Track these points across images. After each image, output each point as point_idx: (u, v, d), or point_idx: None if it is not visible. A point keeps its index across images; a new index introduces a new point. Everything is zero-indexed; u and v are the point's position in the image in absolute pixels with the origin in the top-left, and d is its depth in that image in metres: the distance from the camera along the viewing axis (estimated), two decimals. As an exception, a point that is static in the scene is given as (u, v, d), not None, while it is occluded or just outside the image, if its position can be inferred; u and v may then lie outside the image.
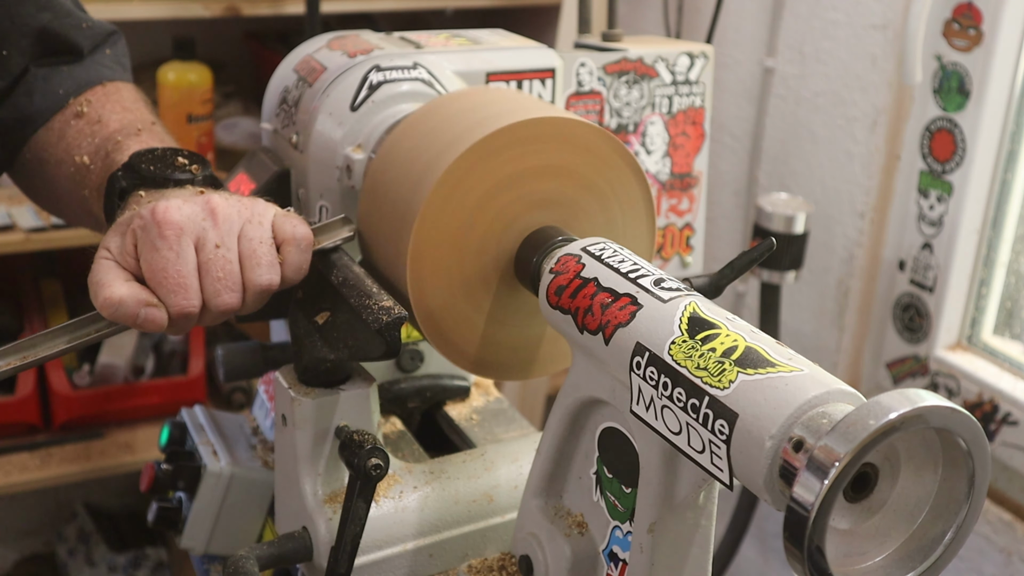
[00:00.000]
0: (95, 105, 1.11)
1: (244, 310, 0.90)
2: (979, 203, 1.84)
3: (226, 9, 2.04)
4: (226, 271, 0.87)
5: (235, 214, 0.89)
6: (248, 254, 0.88)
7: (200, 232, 0.86)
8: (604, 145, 0.94)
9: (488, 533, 1.01)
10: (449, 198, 0.89)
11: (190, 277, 0.85)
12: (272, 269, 0.89)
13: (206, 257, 0.86)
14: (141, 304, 0.84)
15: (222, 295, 0.87)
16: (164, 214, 0.85)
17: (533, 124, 0.90)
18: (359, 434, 0.92)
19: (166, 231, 0.85)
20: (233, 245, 0.87)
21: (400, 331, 0.87)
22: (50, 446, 2.14)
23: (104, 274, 0.86)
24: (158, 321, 0.85)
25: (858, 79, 1.93)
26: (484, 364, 0.97)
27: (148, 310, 0.84)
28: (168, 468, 1.12)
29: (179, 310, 0.85)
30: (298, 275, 0.91)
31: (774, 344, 0.72)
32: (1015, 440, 1.79)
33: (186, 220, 0.86)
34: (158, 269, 0.85)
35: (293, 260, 0.90)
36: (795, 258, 1.88)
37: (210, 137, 2.15)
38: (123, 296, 0.84)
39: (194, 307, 0.85)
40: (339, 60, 1.07)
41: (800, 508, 0.62)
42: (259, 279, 0.88)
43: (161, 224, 0.85)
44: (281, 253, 0.90)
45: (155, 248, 0.85)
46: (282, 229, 0.91)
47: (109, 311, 0.84)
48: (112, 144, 1.02)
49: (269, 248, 0.89)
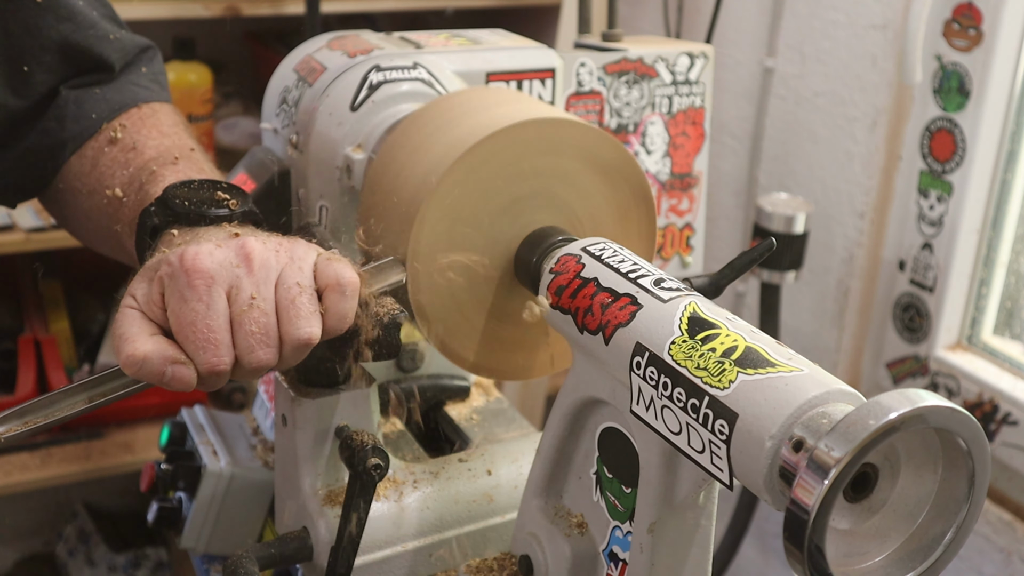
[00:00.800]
0: (130, 130, 1.04)
1: (281, 365, 0.81)
2: (979, 203, 1.84)
3: (226, 9, 2.04)
4: (261, 324, 0.78)
5: (272, 259, 0.80)
6: (286, 305, 0.79)
7: (233, 280, 0.78)
8: (604, 145, 0.94)
9: (488, 533, 1.01)
10: (449, 198, 0.89)
11: (221, 332, 0.77)
12: (312, 321, 0.80)
13: (239, 309, 0.78)
14: (168, 362, 0.77)
15: (256, 351, 0.78)
16: (194, 261, 0.78)
17: (533, 125, 0.90)
18: (359, 434, 0.92)
19: (195, 280, 0.77)
20: (269, 295, 0.79)
21: (400, 331, 0.86)
22: (50, 446, 2.14)
23: (128, 327, 0.78)
24: (186, 379, 0.77)
25: (858, 79, 1.93)
26: (484, 364, 0.97)
27: (175, 368, 0.77)
28: (168, 468, 1.12)
29: (209, 368, 0.77)
30: (342, 324, 0.82)
31: (774, 344, 0.72)
32: (1015, 440, 1.79)
33: (218, 268, 0.78)
34: (186, 323, 0.77)
35: (337, 309, 0.81)
36: (795, 258, 1.88)
37: (210, 137, 2.15)
38: (148, 353, 0.77)
39: (225, 364, 0.78)
40: (339, 60, 1.07)
41: (800, 508, 0.62)
42: (298, 332, 0.79)
43: (190, 272, 0.77)
44: (323, 301, 0.81)
45: (183, 299, 0.77)
46: (325, 274, 0.82)
47: (133, 368, 0.77)
48: (147, 174, 0.96)
49: (310, 298, 0.80)
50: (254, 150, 1.16)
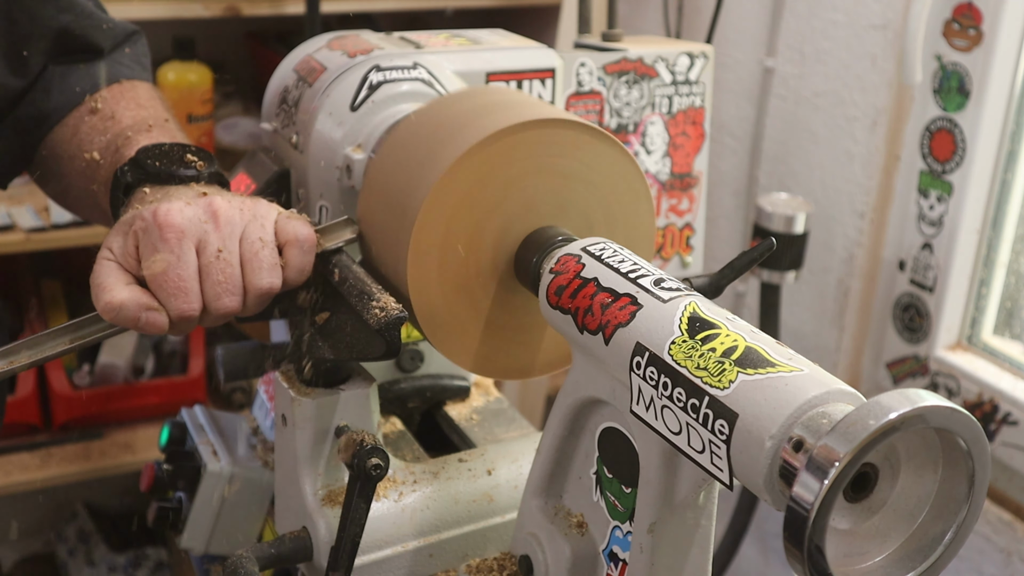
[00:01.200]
0: (109, 101, 1.11)
1: (245, 312, 0.90)
2: (979, 203, 1.84)
3: (226, 9, 2.04)
4: (227, 275, 0.87)
5: (237, 216, 0.89)
6: (249, 257, 0.88)
7: (201, 235, 0.86)
8: (604, 145, 0.94)
9: (488, 533, 1.01)
10: (449, 198, 0.89)
11: (191, 281, 0.86)
12: (273, 272, 0.89)
13: (207, 260, 0.86)
14: (142, 308, 0.85)
15: (222, 298, 0.87)
16: (166, 217, 0.86)
17: (533, 125, 0.90)
18: (359, 434, 0.92)
19: (167, 234, 0.85)
20: (235, 248, 0.87)
21: (400, 331, 0.87)
22: (50, 446, 2.14)
23: (105, 276, 0.86)
24: (159, 324, 0.86)
25: (858, 79, 1.93)
26: (484, 364, 0.97)
27: (149, 314, 0.85)
28: (168, 468, 1.12)
29: (179, 313, 0.86)
30: (300, 277, 0.91)
31: (774, 344, 0.72)
32: (1015, 440, 1.79)
33: (187, 223, 0.86)
34: (159, 272, 0.85)
35: (296, 262, 0.90)
36: (795, 258, 1.88)
37: (210, 137, 2.16)
38: (124, 300, 0.85)
39: (194, 310, 0.86)
40: (339, 60, 1.07)
41: (800, 508, 0.62)
42: (260, 282, 0.88)
43: (163, 227, 0.85)
44: (283, 255, 0.90)
45: (156, 251, 0.85)
46: (284, 231, 0.90)
47: (110, 315, 0.85)
48: (122, 140, 1.03)
49: (271, 251, 0.89)
50: (254, 150, 1.16)
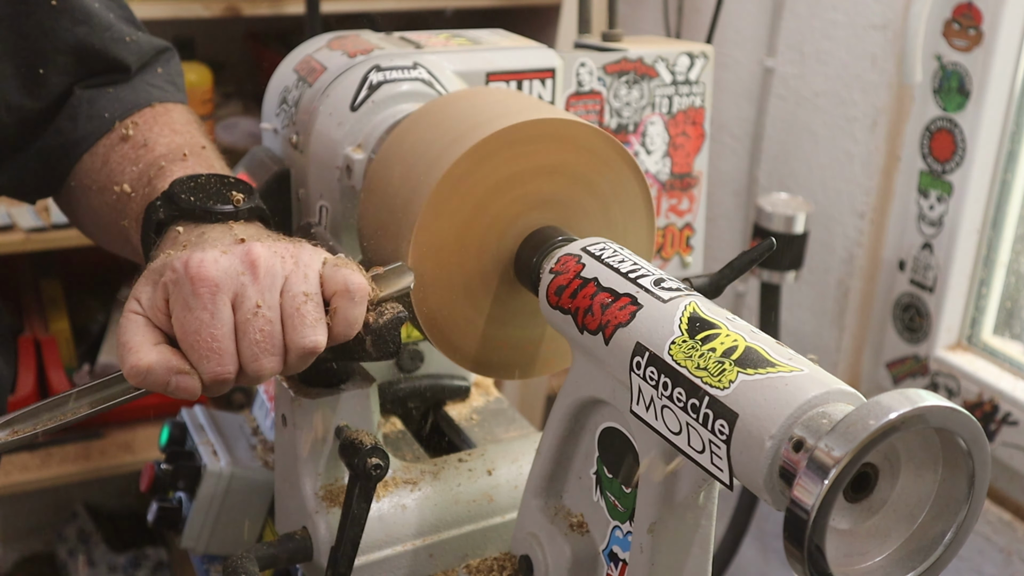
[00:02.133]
0: (141, 128, 1.04)
1: (286, 372, 0.82)
2: (979, 203, 1.84)
3: (226, 9, 2.04)
4: (266, 333, 0.78)
5: (278, 265, 0.80)
6: (291, 312, 0.79)
7: (238, 288, 0.78)
8: (604, 145, 0.94)
9: (488, 533, 1.01)
10: (450, 198, 0.89)
11: (225, 340, 0.77)
12: (317, 328, 0.79)
13: (244, 317, 0.78)
14: (172, 372, 0.77)
15: (260, 359, 0.78)
16: (199, 269, 0.77)
17: (533, 125, 0.90)
18: (359, 434, 0.92)
19: (200, 288, 0.77)
20: (275, 303, 0.79)
21: (400, 331, 0.86)
22: (50, 446, 2.14)
23: (132, 335, 0.78)
24: (190, 389, 0.78)
25: (858, 79, 1.93)
26: (484, 364, 0.97)
27: (179, 378, 0.77)
28: (168, 468, 1.12)
29: (212, 376, 0.77)
30: (350, 331, 0.81)
31: (774, 344, 0.72)
32: (1015, 440, 1.79)
33: (223, 276, 0.78)
34: (191, 332, 0.77)
35: (345, 315, 0.81)
36: (795, 258, 1.88)
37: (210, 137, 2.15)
38: (152, 363, 0.77)
39: (229, 374, 0.78)
40: (339, 60, 1.07)
41: (800, 508, 0.62)
42: (303, 340, 0.79)
43: (195, 280, 0.77)
44: (331, 307, 0.81)
45: (188, 308, 0.77)
46: (333, 280, 0.81)
47: (137, 379, 0.77)
48: (155, 170, 0.96)
49: (316, 305, 0.80)
50: (254, 150, 1.16)
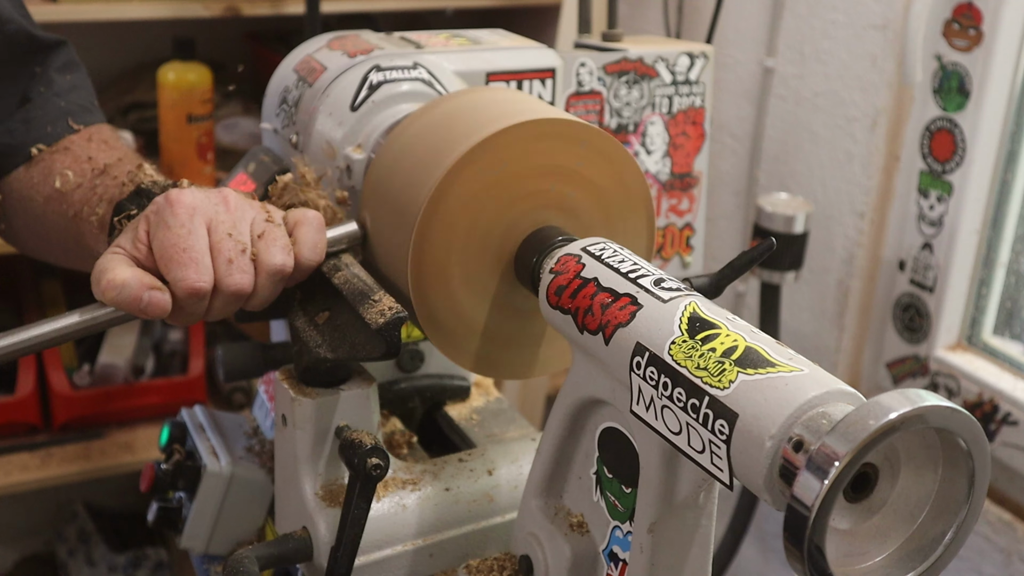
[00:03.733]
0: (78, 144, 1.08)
1: (255, 297, 0.88)
2: (979, 203, 1.84)
3: (226, 9, 2.04)
4: (237, 251, 0.86)
5: (246, 204, 0.89)
6: (261, 237, 0.88)
7: (213, 215, 0.86)
8: (604, 145, 0.94)
9: (488, 533, 1.01)
10: (450, 198, 0.89)
11: (202, 253, 0.84)
12: (286, 252, 0.88)
13: (218, 238, 0.86)
14: (145, 287, 0.82)
15: (234, 275, 0.85)
16: (178, 196, 0.86)
17: (533, 125, 0.90)
18: (359, 434, 0.92)
19: (178, 210, 0.85)
20: (245, 230, 0.87)
21: (400, 331, 0.87)
22: (50, 446, 2.14)
23: (108, 262, 0.85)
24: (162, 305, 0.83)
25: (858, 79, 1.93)
26: (484, 363, 0.97)
27: (152, 294, 0.82)
28: (168, 468, 1.12)
29: (189, 285, 0.83)
30: (314, 254, 0.91)
31: (774, 344, 0.72)
32: (1015, 440, 1.79)
33: (199, 201, 0.86)
34: (169, 245, 0.84)
35: (308, 238, 0.90)
36: (795, 258, 1.88)
37: (210, 137, 2.15)
38: (127, 279, 0.82)
39: (205, 283, 0.84)
40: (339, 60, 1.07)
41: (800, 508, 0.62)
42: (273, 259, 0.87)
43: (174, 203, 0.85)
44: (295, 236, 0.90)
45: (168, 226, 0.84)
46: (292, 215, 0.91)
47: (112, 293, 0.82)
48: (109, 179, 1.00)
49: (283, 233, 0.89)
50: (254, 150, 1.16)
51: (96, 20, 1.96)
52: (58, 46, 1.15)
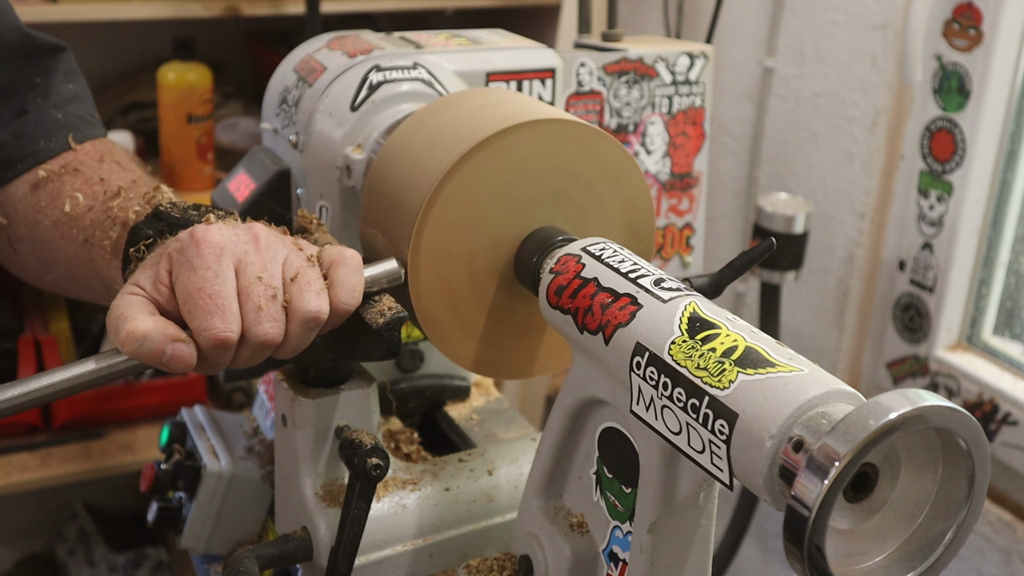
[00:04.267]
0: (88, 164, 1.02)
1: (286, 345, 0.81)
2: (979, 203, 1.84)
3: (226, 9, 2.04)
4: (268, 297, 0.78)
5: (278, 242, 0.82)
6: (292, 282, 0.80)
7: (241, 255, 0.79)
8: (604, 145, 0.94)
9: (488, 533, 1.01)
10: (450, 199, 0.89)
11: (229, 299, 0.77)
12: (321, 296, 0.81)
13: (247, 282, 0.78)
14: (168, 340, 0.76)
15: (263, 323, 0.78)
16: (204, 234, 0.78)
17: (533, 126, 0.90)
18: (359, 434, 0.92)
19: (204, 250, 0.78)
20: (277, 272, 0.80)
21: (400, 331, 0.86)
22: (50, 446, 2.14)
23: (127, 308, 0.77)
24: (186, 359, 0.76)
25: (858, 79, 1.93)
26: (484, 364, 0.97)
27: (175, 346, 0.76)
28: (168, 468, 1.12)
29: (215, 335, 0.76)
30: (351, 298, 0.83)
31: (774, 344, 0.72)
32: (1015, 440, 1.79)
33: (227, 241, 0.79)
34: (194, 289, 0.77)
35: (344, 281, 0.82)
36: (795, 258, 1.88)
37: (210, 137, 2.15)
38: (148, 330, 0.75)
39: (232, 333, 0.77)
40: (339, 60, 1.07)
41: (800, 508, 0.62)
42: (307, 306, 0.79)
43: (200, 243, 0.78)
44: (331, 278, 0.82)
45: (193, 268, 0.77)
46: (328, 253, 0.84)
47: (132, 346, 0.75)
48: (123, 201, 0.94)
49: (317, 276, 0.81)
50: (254, 150, 1.16)
51: (96, 20, 1.96)
52: (58, 51, 1.09)
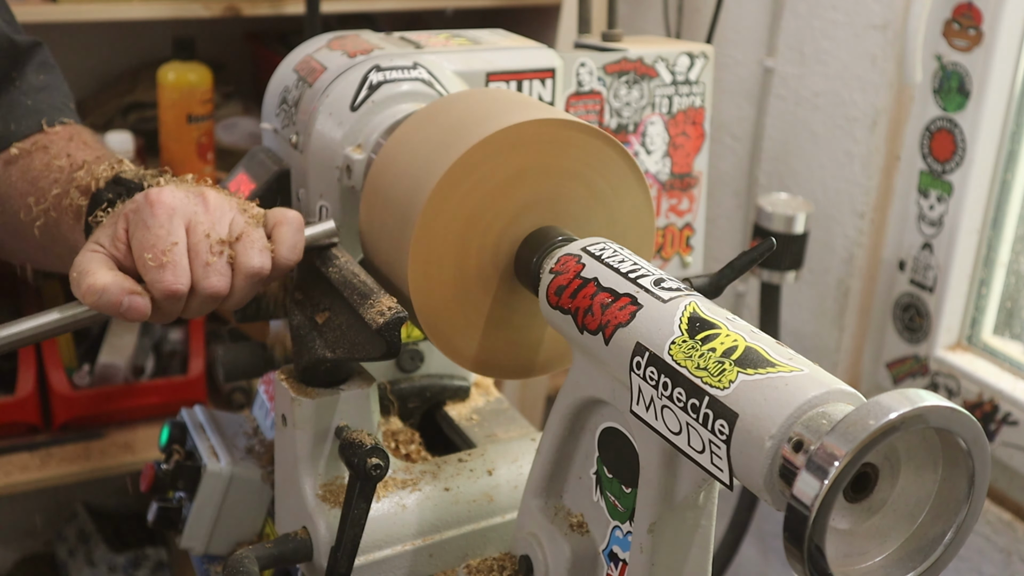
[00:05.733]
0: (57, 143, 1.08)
1: (232, 297, 0.89)
2: (979, 203, 1.84)
3: (226, 9, 2.04)
4: (215, 252, 0.87)
5: (226, 204, 0.90)
6: (239, 238, 0.88)
7: (192, 215, 0.87)
8: (603, 146, 0.94)
9: (488, 533, 1.01)
10: (450, 198, 0.89)
11: (180, 255, 0.85)
12: (264, 255, 0.89)
13: (196, 239, 0.86)
14: (125, 292, 0.84)
15: (211, 278, 0.86)
16: (157, 195, 0.86)
17: (533, 126, 0.90)
18: (359, 434, 0.92)
19: (157, 210, 0.85)
20: (224, 231, 0.88)
21: (400, 331, 0.87)
22: (50, 446, 2.14)
23: (88, 263, 0.85)
24: (142, 309, 0.85)
25: (858, 79, 1.93)
26: (484, 363, 0.97)
27: (132, 298, 0.84)
28: (168, 468, 1.12)
29: (166, 287, 0.85)
30: (292, 254, 0.91)
31: (774, 344, 0.72)
32: (1015, 440, 1.79)
33: (178, 201, 0.87)
34: (147, 246, 0.85)
35: (287, 238, 0.90)
36: (795, 258, 1.88)
37: (210, 137, 2.15)
38: (107, 283, 0.84)
39: (182, 286, 0.85)
40: (339, 60, 1.07)
41: (800, 508, 0.62)
42: (250, 262, 0.88)
43: (154, 203, 0.86)
44: (273, 236, 0.90)
45: (147, 226, 0.85)
46: (272, 215, 0.92)
47: (92, 298, 0.84)
48: (88, 172, 1.00)
49: (261, 235, 0.90)
50: (254, 150, 1.16)
51: (96, 20, 1.96)
52: (33, 48, 1.15)
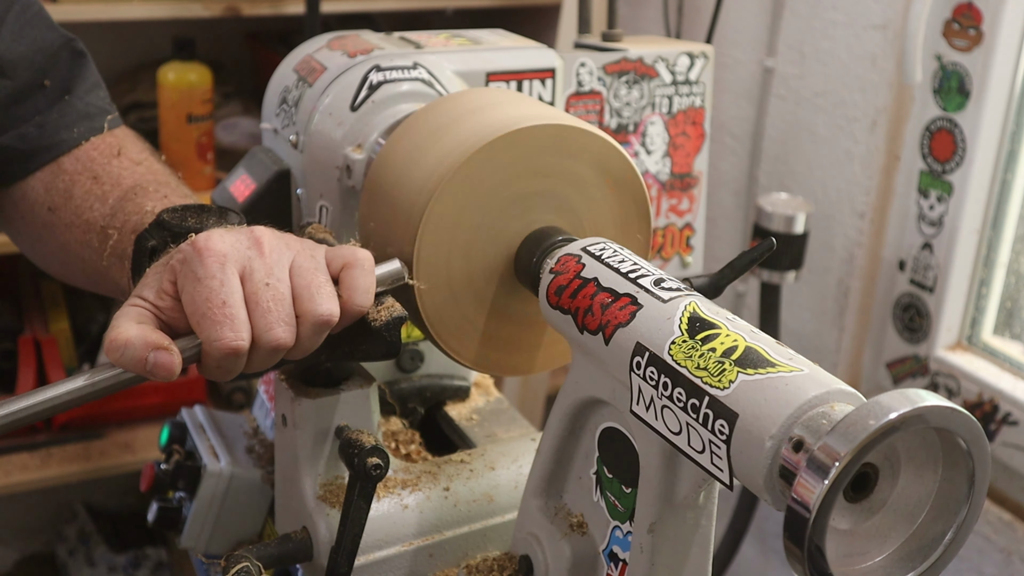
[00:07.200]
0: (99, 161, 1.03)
1: (298, 348, 0.80)
2: (979, 203, 1.84)
3: (226, 9, 2.04)
4: (277, 301, 0.77)
5: (283, 246, 0.80)
6: (302, 284, 0.79)
7: (246, 262, 0.78)
8: (602, 147, 0.94)
9: (488, 533, 1.01)
10: (450, 199, 0.89)
11: (237, 307, 0.76)
12: (331, 299, 0.79)
13: (253, 288, 0.77)
14: (150, 347, 0.74)
15: (274, 329, 0.76)
16: (206, 242, 0.77)
17: (534, 129, 0.90)
18: (359, 434, 0.92)
19: (207, 259, 0.76)
20: (284, 277, 0.78)
21: (400, 331, 0.86)
22: (50, 446, 2.14)
23: (118, 318, 0.76)
24: (168, 367, 0.74)
25: (858, 79, 1.93)
26: (485, 361, 0.97)
27: (158, 354, 0.74)
28: (168, 468, 1.12)
29: (225, 344, 0.75)
30: (363, 299, 0.81)
31: (774, 344, 0.72)
32: (1015, 440, 1.79)
33: (230, 248, 0.77)
34: (201, 300, 0.75)
35: (356, 283, 0.81)
36: (795, 258, 1.88)
37: (210, 137, 2.15)
38: (130, 337, 0.74)
39: (243, 341, 0.75)
40: (339, 60, 1.07)
41: (800, 508, 0.62)
42: (317, 309, 0.78)
43: (203, 252, 0.76)
44: (342, 280, 0.81)
45: (197, 279, 0.76)
46: (338, 255, 0.82)
47: (115, 355, 0.75)
48: (131, 205, 0.94)
49: (326, 279, 0.80)
50: (254, 150, 1.16)
51: (96, 20, 1.96)
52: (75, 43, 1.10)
